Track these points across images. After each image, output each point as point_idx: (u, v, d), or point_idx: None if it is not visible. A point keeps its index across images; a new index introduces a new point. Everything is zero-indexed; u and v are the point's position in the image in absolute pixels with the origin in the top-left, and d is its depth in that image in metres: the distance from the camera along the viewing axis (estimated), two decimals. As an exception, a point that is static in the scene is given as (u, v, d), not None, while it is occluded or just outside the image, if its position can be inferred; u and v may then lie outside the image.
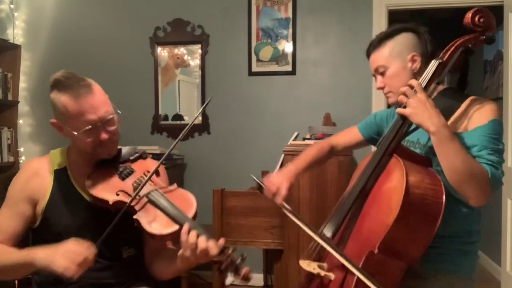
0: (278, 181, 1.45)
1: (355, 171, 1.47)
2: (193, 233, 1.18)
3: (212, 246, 1.17)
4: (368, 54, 1.48)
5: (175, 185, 1.39)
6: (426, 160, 1.28)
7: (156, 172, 1.39)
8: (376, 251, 1.14)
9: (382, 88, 1.45)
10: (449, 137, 1.19)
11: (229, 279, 1.18)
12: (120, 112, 1.37)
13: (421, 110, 1.19)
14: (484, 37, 1.29)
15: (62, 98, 1.29)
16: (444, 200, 1.17)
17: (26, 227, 1.37)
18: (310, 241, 1.40)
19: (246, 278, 1.18)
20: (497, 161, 1.23)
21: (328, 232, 1.34)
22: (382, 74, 1.43)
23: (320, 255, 1.39)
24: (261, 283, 3.41)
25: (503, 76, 3.04)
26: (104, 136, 1.32)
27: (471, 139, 1.26)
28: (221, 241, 1.19)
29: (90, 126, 1.29)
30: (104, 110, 1.31)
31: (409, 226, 1.15)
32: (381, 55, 1.42)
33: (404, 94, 1.23)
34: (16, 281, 1.41)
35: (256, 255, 3.35)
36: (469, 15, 1.27)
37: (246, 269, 1.19)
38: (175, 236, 1.24)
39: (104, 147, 1.35)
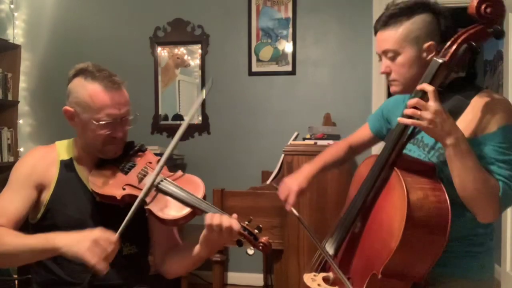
0: (288, 186, 1.44)
1: (355, 175, 1.41)
2: (217, 215, 1.21)
3: (234, 222, 1.22)
4: (376, 29, 1.27)
5: (180, 172, 1.40)
6: (430, 167, 1.19)
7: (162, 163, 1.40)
8: (379, 275, 1.10)
9: (387, 73, 1.27)
10: (466, 152, 1.09)
11: (250, 251, 1.24)
12: (138, 114, 1.41)
13: (438, 123, 1.06)
14: (492, 29, 1.10)
15: (89, 87, 1.30)
16: (449, 217, 1.10)
17: (29, 213, 1.34)
18: (310, 242, 1.38)
19: (266, 246, 1.23)
20: (509, 176, 1.12)
21: (330, 249, 1.31)
22: (391, 58, 1.24)
23: (324, 266, 1.36)
24: (261, 283, 3.41)
25: (503, 76, 3.04)
26: (119, 134, 1.34)
27: (480, 149, 1.14)
28: (234, 215, 1.24)
29: (110, 120, 1.31)
30: (126, 109, 1.36)
31: (413, 249, 1.10)
32: (394, 37, 1.21)
33: (415, 107, 1.09)
34: (16, 282, 1.39)
35: (256, 255, 3.35)
36: (474, 3, 1.07)
37: (265, 238, 1.24)
38: (188, 219, 1.28)
39: (113, 145, 1.36)
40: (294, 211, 1.41)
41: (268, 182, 2.58)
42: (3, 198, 1.32)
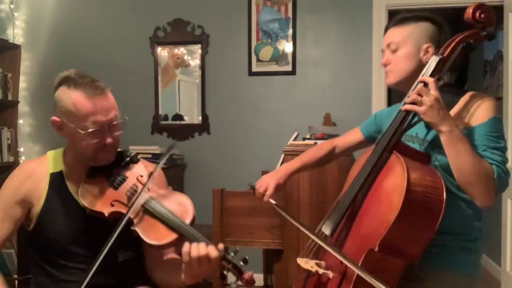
0: (267, 180, 1.53)
1: (352, 168, 1.46)
2: (194, 247, 1.17)
3: (211, 249, 1.17)
4: (387, 28, 1.45)
5: (170, 189, 1.37)
6: (425, 156, 1.28)
7: (151, 175, 1.35)
8: (376, 248, 1.14)
9: (386, 64, 1.42)
10: (460, 137, 1.19)
11: (233, 285, 1.18)
12: (127, 118, 1.36)
13: (436, 109, 1.18)
14: (485, 33, 1.27)
15: (72, 95, 1.27)
16: (445, 197, 1.17)
17: (17, 229, 1.34)
18: (309, 240, 1.39)
19: (249, 282, 1.20)
20: (501, 161, 1.23)
21: (326, 229, 1.33)
22: (393, 51, 1.40)
23: (318, 254, 1.39)
24: (261, 283, 3.41)
25: (503, 76, 3.04)
26: (109, 140, 1.30)
27: (472, 138, 1.25)
28: (220, 245, 1.19)
29: (97, 127, 1.27)
30: (113, 114, 1.31)
31: (410, 223, 1.15)
32: (400, 33, 1.39)
33: (418, 93, 1.20)
34: (16, 282, 1.39)
35: (256, 255, 3.35)
36: (469, 10, 1.26)
37: (249, 273, 1.21)
38: (173, 245, 1.24)
39: (105, 152, 1.33)
40: (272, 201, 1.50)
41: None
42: None
